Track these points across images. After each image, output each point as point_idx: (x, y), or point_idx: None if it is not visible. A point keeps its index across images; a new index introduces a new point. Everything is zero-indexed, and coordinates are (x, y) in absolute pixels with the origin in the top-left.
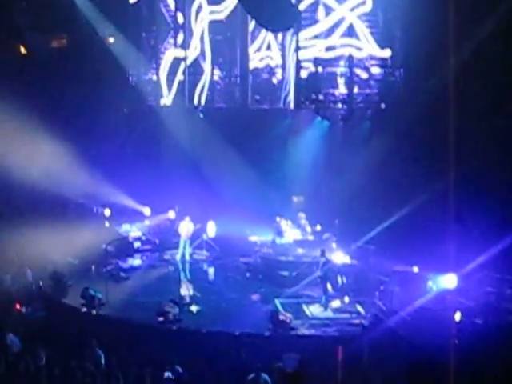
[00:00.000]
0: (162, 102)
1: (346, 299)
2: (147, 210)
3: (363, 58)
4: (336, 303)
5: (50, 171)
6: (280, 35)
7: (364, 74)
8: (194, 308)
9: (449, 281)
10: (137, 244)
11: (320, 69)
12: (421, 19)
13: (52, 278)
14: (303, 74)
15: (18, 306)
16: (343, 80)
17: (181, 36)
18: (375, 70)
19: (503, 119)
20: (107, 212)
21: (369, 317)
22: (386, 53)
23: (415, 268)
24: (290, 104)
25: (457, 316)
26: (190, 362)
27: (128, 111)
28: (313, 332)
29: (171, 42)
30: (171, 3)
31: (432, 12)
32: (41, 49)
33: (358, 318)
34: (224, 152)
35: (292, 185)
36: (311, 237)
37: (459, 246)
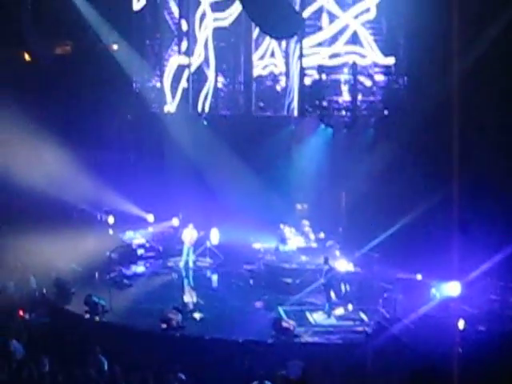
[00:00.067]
0: (166, 109)
1: (350, 307)
2: (151, 217)
3: (367, 66)
4: (339, 311)
5: (54, 178)
6: (284, 42)
7: (368, 82)
8: (198, 315)
9: (452, 288)
10: (140, 251)
11: (324, 76)
12: (425, 27)
13: (55, 285)
14: (307, 82)
15: (22, 313)
16: (347, 87)
17: (185, 43)
18: (379, 78)
19: (507, 127)
20: (111, 219)
21: (372, 324)
22: (390, 60)
23: (419, 275)
24: (294, 111)
25: (460, 324)
26: (193, 369)
27: (132, 118)
28: (316, 339)
29: (175, 49)
30: (175, 10)
31: (436, 20)
32: (45, 56)
33: (362, 326)
34: (228, 159)
35: (296, 192)
36: (315, 244)
37: (463, 254)
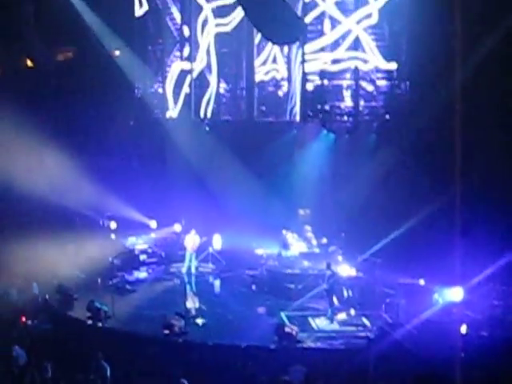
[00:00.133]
0: (168, 115)
1: (352, 312)
2: (153, 223)
3: (369, 71)
4: (342, 316)
5: (56, 184)
6: (286, 48)
7: (370, 87)
8: (200, 321)
9: (455, 293)
10: (143, 257)
11: (326, 81)
12: (427, 32)
13: (58, 291)
14: (309, 87)
15: (24, 319)
16: (349, 93)
17: (187, 49)
18: (381, 83)
19: (510, 132)
20: (113, 225)
21: (375, 329)
22: (392, 65)
23: (421, 281)
24: (296, 117)
25: (463, 329)
26: (196, 375)
27: (134, 124)
28: (319, 345)
29: (177, 55)
30: (177, 16)
31: (438, 25)
32: (47, 62)
33: (364, 331)
34: (230, 165)
35: (298, 197)
36: (317, 249)
37: (465, 259)
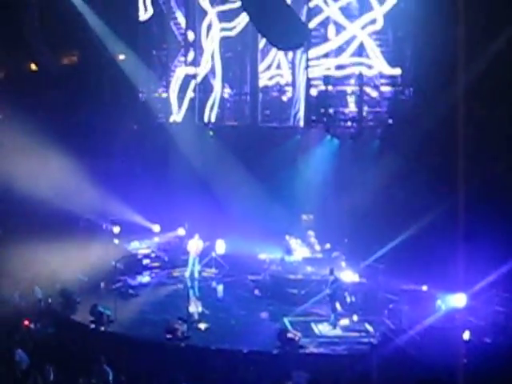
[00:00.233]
0: (172, 119)
1: (355, 318)
2: (156, 228)
3: (373, 77)
4: (345, 322)
5: (60, 188)
6: (290, 53)
7: (374, 93)
8: (203, 325)
9: (458, 300)
10: (146, 261)
11: (330, 87)
12: (431, 38)
13: (61, 295)
14: (313, 92)
15: (27, 323)
16: (353, 98)
17: (191, 53)
18: (385, 89)
19: None
20: (116, 229)
21: (378, 335)
22: (396, 71)
23: (424, 287)
24: (300, 122)
25: (466, 335)
26: (198, 380)
27: (138, 128)
28: (321, 350)
29: (182, 60)
30: (182, 21)
31: (442, 31)
32: (51, 65)
33: (367, 337)
34: (234, 169)
35: (301, 203)
36: (320, 255)
37: (468, 265)
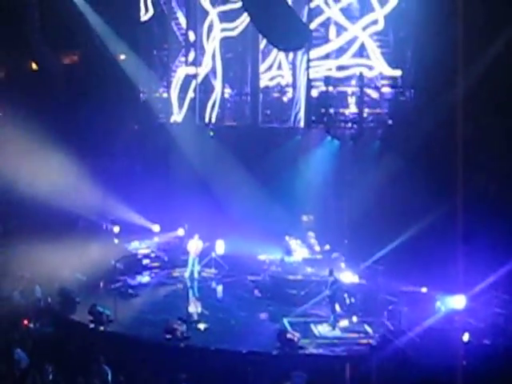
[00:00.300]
0: (173, 119)
1: (355, 319)
2: (156, 228)
3: (374, 78)
4: (344, 323)
5: (60, 187)
6: (291, 54)
7: (374, 94)
8: (202, 326)
9: (457, 301)
10: (145, 261)
11: (331, 88)
12: (432, 39)
13: (60, 295)
14: (314, 93)
15: (26, 322)
16: (354, 99)
17: (192, 54)
18: (386, 90)
19: None
20: (116, 229)
21: (377, 337)
22: (397, 72)
23: (424, 288)
24: (301, 123)
25: (465, 337)
26: (198, 380)
27: (138, 128)
28: (321, 351)
29: (182, 60)
30: (183, 21)
31: (443, 33)
32: (52, 65)
33: (366, 338)
34: (234, 170)
35: (301, 203)
36: (320, 256)
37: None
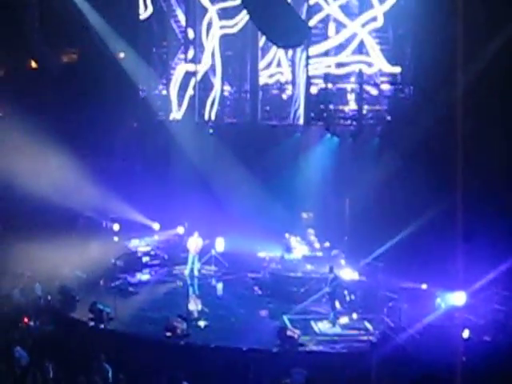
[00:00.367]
0: (172, 117)
1: (355, 316)
2: (156, 225)
3: (373, 75)
4: (344, 320)
5: (60, 185)
6: (290, 51)
7: (374, 91)
8: (202, 323)
9: (457, 298)
10: (145, 259)
11: (330, 85)
12: (431, 36)
13: (60, 292)
14: (313, 90)
15: (27, 320)
16: (353, 96)
17: (191, 51)
18: (385, 87)
19: None
20: (116, 226)
21: (377, 333)
22: (396, 69)
23: (424, 285)
24: (300, 120)
25: (465, 333)
26: (198, 378)
27: (138, 125)
28: (321, 348)
29: (182, 57)
30: (182, 18)
31: (442, 30)
32: (51, 63)
33: (366, 335)
34: (233, 167)
35: (301, 201)
36: (320, 253)
37: (468, 264)
